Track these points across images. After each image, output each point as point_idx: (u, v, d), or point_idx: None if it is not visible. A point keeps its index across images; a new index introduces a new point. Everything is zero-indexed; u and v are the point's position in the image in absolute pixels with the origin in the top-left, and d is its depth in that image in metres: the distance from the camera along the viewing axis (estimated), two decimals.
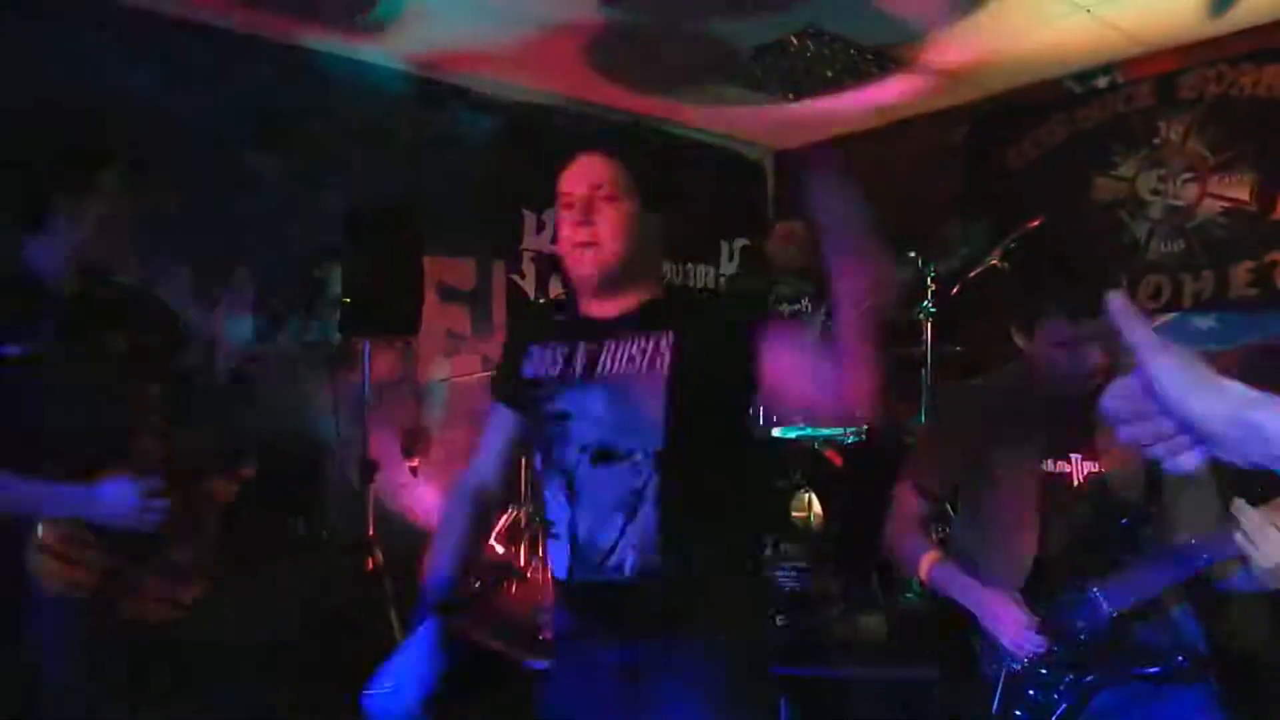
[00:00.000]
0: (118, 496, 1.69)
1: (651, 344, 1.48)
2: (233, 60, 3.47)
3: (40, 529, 1.66)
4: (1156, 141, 3.74)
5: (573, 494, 1.48)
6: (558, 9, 3.32)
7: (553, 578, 1.59)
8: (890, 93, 4.25)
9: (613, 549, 1.46)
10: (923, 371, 3.58)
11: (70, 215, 1.74)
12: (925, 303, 3.32)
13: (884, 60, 3.81)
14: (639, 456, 1.44)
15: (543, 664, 2.83)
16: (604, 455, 1.46)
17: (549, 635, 2.98)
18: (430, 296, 3.63)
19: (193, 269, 3.31)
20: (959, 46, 3.70)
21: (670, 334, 1.47)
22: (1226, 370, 0.76)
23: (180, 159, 3.14)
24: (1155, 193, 3.74)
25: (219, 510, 1.90)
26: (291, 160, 3.55)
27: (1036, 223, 3.54)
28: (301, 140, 3.60)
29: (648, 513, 1.44)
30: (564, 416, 1.49)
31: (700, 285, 4.79)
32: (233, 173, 3.40)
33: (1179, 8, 3.33)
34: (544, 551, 3.43)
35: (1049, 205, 3.84)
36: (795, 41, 3.59)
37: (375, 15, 3.35)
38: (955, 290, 3.49)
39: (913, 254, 3.31)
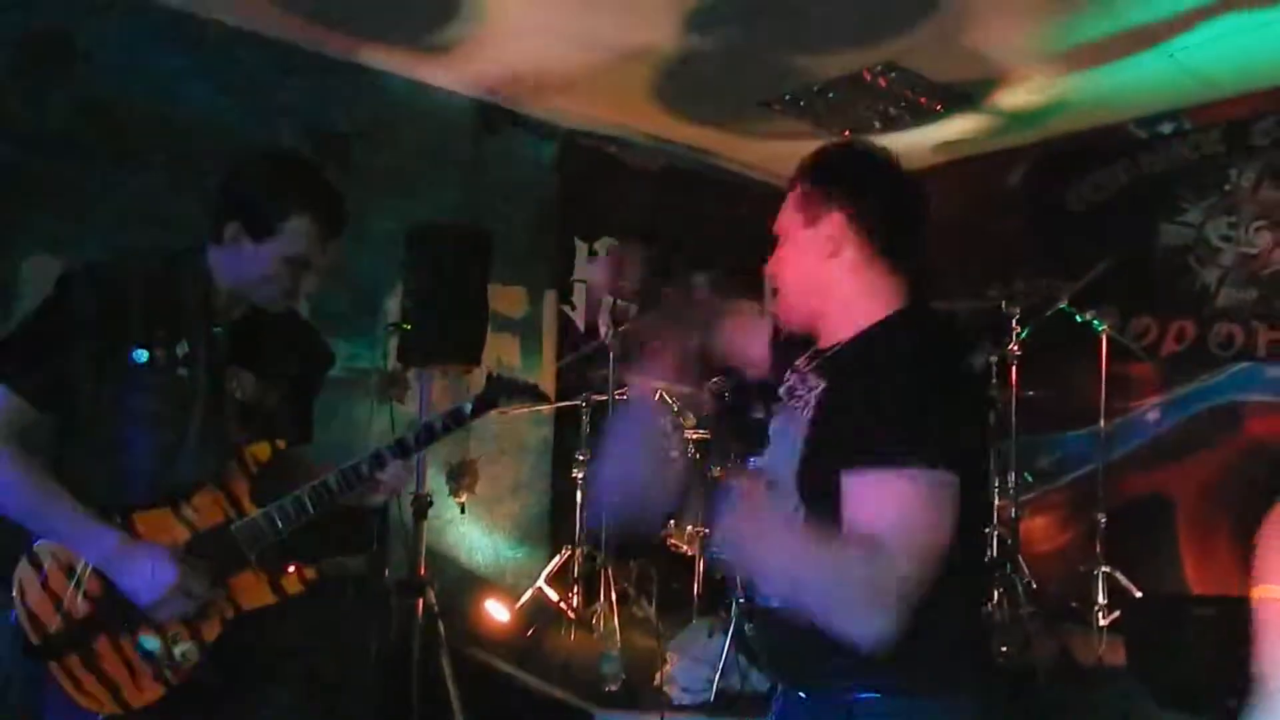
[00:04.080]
0: (145, 574, 1.43)
1: (812, 389, 1.37)
2: (293, 74, 3.38)
3: (42, 543, 1.46)
4: (1227, 188, 3.70)
5: None
6: (637, 33, 3.25)
7: None
8: (948, 132, 4.21)
9: None
10: (991, 415, 3.48)
11: (247, 248, 1.56)
12: (1007, 346, 3.22)
13: (953, 99, 3.77)
14: (787, 490, 1.34)
15: (611, 716, 2.68)
16: (771, 482, 1.37)
17: (614, 688, 2.84)
18: None
19: None
20: (1029, 87, 3.66)
21: (823, 385, 1.34)
22: None
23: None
24: (1226, 239, 3.70)
25: (235, 612, 1.54)
26: (347, 179, 3.44)
27: (1104, 266, 3.51)
28: (358, 159, 3.49)
29: None
30: (766, 439, 1.42)
31: None
32: None
33: (1256, 54, 3.30)
34: (606, 596, 3.27)
35: (1111, 249, 3.80)
36: (868, 77, 3.54)
37: None
38: (1023, 334, 3.42)
39: (993, 294, 3.22)
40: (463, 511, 3.64)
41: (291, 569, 1.59)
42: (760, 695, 2.67)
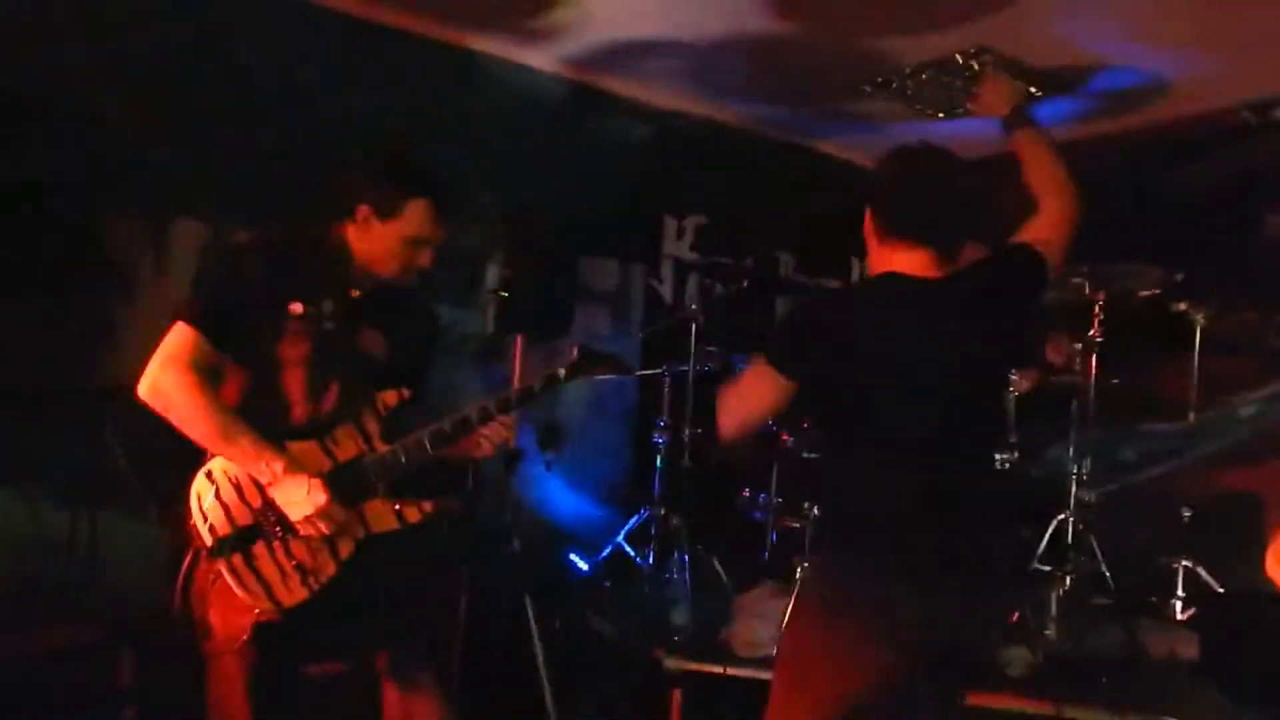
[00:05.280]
0: (303, 493, 1.70)
1: None
2: (408, 60, 3.65)
3: (214, 460, 1.73)
4: None
5: None
6: (729, 19, 3.36)
7: None
8: (1043, 115, 4.14)
9: None
10: (1073, 403, 3.48)
11: (374, 227, 1.83)
12: (1090, 332, 3.22)
13: (1048, 83, 3.72)
14: None
15: (679, 665, 2.87)
16: None
17: (682, 639, 3.03)
18: None
19: None
20: (1127, 70, 3.59)
21: None
22: None
23: (348, 150, 3.33)
24: None
25: (365, 534, 1.81)
26: (451, 157, 3.69)
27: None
28: (461, 138, 3.75)
29: None
30: None
31: None
32: None
33: None
34: (680, 555, 3.46)
35: (1215, 238, 3.71)
36: (960, 60, 3.54)
37: None
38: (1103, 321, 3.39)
39: (1078, 280, 3.22)
40: (549, 469, 3.88)
41: (416, 504, 1.87)
42: None
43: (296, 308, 1.77)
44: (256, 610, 1.71)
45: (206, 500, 1.72)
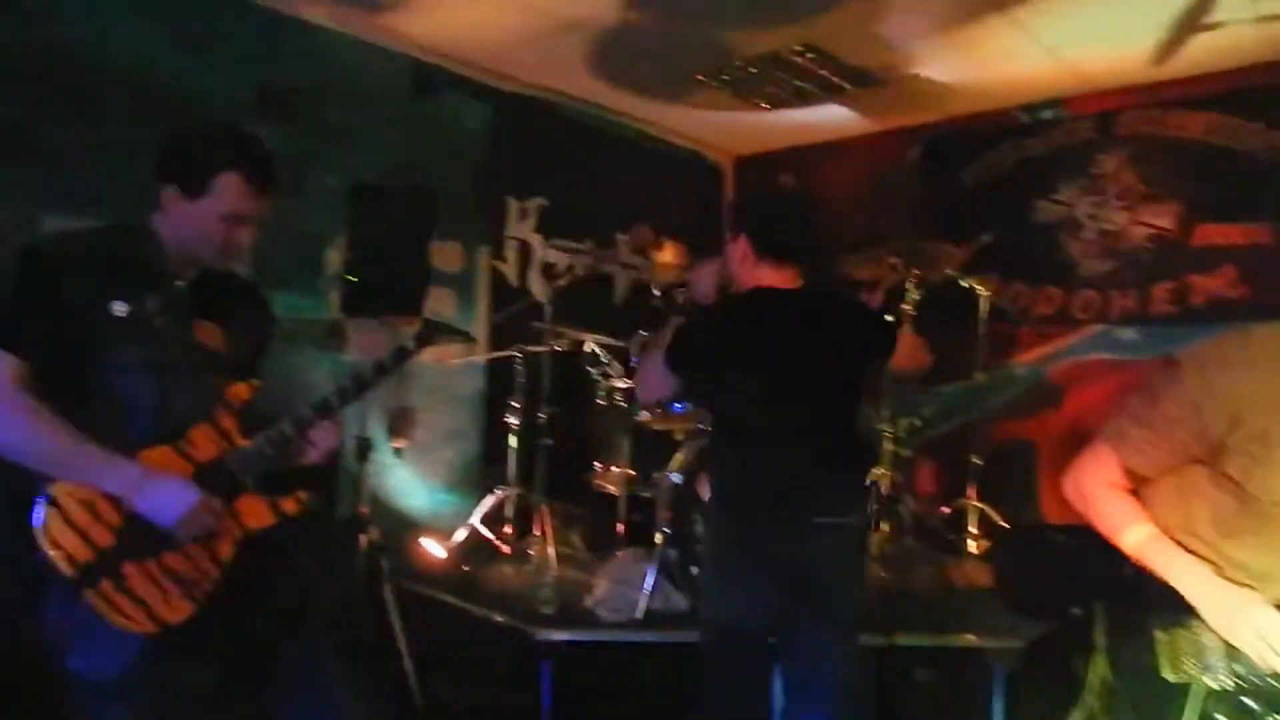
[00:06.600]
0: (171, 496, 1.59)
1: None
2: (244, 30, 3.43)
3: (56, 485, 1.57)
4: (1094, 171, 4.17)
5: None
6: (574, 3, 3.42)
7: None
8: (856, 108, 4.54)
9: None
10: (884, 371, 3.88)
11: (183, 208, 1.69)
12: (904, 306, 3.60)
13: (861, 79, 4.09)
14: None
15: (549, 636, 2.96)
16: None
17: (550, 611, 3.12)
18: None
19: None
20: (928, 71, 4.02)
21: None
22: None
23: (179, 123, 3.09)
24: (1091, 217, 4.18)
25: (243, 533, 1.72)
26: (290, 134, 3.51)
27: (988, 239, 3.95)
28: (301, 115, 3.56)
29: None
30: None
31: None
32: None
33: (1125, 53, 3.74)
34: (543, 532, 3.54)
35: (995, 223, 4.27)
36: (786, 55, 3.81)
37: None
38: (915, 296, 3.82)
39: (894, 260, 3.59)
40: (399, 455, 3.82)
41: (290, 497, 1.78)
42: (681, 614, 3.01)
43: (120, 308, 1.61)
44: (139, 633, 1.58)
45: (56, 528, 1.56)
